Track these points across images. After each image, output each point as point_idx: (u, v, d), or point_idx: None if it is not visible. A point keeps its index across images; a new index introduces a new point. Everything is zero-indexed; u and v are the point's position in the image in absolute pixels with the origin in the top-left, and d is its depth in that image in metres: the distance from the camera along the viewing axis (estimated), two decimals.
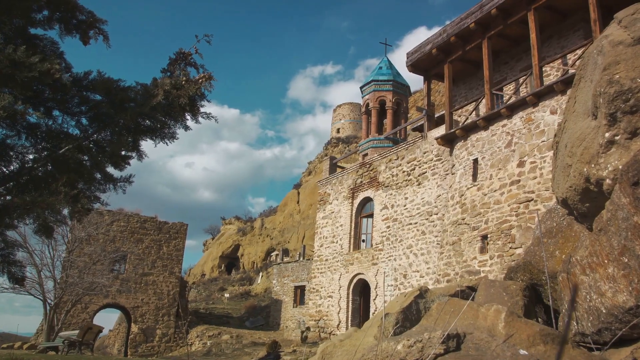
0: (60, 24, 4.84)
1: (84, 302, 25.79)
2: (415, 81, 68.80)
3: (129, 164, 5.09)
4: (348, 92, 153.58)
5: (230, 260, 58.44)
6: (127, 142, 4.69)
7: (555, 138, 5.65)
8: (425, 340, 4.59)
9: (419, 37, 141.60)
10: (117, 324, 36.54)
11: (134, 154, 5.03)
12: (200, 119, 4.84)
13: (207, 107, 5.06)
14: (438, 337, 4.56)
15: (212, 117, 4.89)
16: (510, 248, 14.13)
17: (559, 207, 6.66)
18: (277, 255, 47.13)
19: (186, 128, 4.93)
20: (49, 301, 21.57)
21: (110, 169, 5.08)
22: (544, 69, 16.01)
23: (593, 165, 4.48)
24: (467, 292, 8.40)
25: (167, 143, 4.92)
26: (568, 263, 5.02)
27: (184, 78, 4.51)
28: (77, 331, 18.60)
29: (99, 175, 4.97)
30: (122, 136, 4.64)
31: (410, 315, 6.78)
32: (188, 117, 4.85)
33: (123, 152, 4.94)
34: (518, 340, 4.63)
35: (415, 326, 5.83)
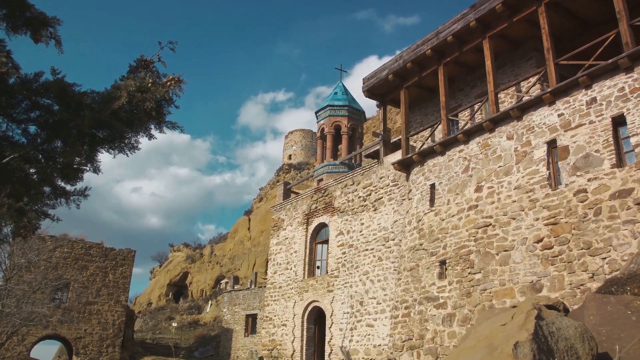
0: (7, 21, 4.36)
1: (20, 333, 24.22)
2: (369, 108, 69.65)
3: (81, 177, 4.59)
4: (299, 119, 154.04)
5: (178, 289, 56.85)
6: (82, 151, 4.22)
7: None
8: None
9: (370, 65, 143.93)
10: (56, 356, 34.62)
11: (88, 166, 4.53)
12: (165, 128, 4.44)
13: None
14: None
15: (177, 126, 4.48)
16: (469, 273, 14.04)
17: None
18: (227, 283, 46.12)
19: (150, 137, 4.48)
20: None
21: (62, 183, 4.54)
22: (499, 96, 16.27)
23: None
24: (545, 312, 7.66)
25: (127, 154, 4.46)
26: None
27: (151, 80, 4.10)
28: None
29: (47, 189, 4.45)
30: (76, 146, 4.16)
31: (541, 344, 5.80)
32: (152, 126, 4.42)
33: (76, 165, 4.45)
34: None
35: None
